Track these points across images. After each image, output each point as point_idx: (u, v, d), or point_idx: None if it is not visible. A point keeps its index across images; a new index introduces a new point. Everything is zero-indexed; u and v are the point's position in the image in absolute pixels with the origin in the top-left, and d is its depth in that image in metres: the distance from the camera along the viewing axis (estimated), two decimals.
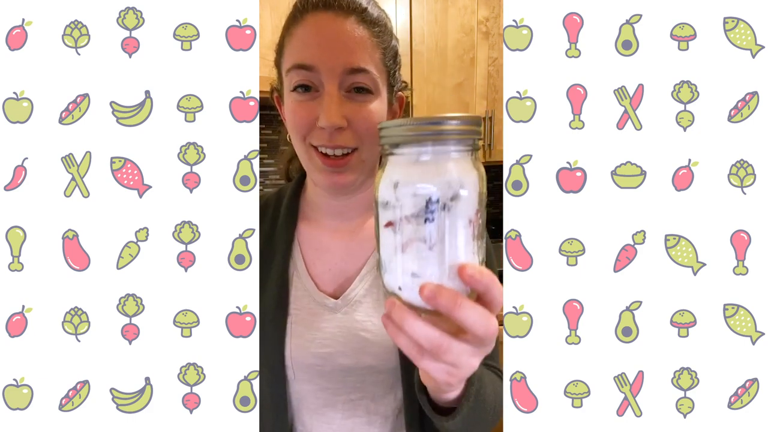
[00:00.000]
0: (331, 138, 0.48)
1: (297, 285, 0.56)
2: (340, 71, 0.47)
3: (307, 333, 0.53)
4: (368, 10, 0.49)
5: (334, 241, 0.58)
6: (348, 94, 0.48)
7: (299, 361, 0.53)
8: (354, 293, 0.55)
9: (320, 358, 0.52)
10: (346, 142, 0.48)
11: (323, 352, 0.53)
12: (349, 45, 0.47)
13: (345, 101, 0.48)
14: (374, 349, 0.52)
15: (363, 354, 0.52)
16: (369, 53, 0.48)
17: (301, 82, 0.48)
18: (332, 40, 0.47)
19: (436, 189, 0.32)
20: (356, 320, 0.53)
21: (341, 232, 0.58)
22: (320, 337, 0.53)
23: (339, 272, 0.56)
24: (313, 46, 0.47)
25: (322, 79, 0.47)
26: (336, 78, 0.47)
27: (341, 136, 0.48)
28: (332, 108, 0.46)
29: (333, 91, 0.47)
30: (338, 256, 0.57)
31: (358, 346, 0.53)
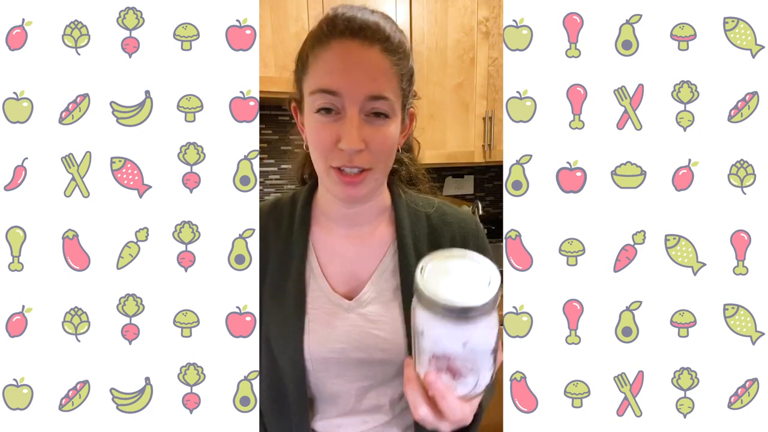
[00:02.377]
0: (350, 160, 0.52)
1: (313, 287, 0.60)
2: (362, 98, 0.50)
3: (324, 330, 0.58)
4: (391, 37, 0.52)
5: (345, 245, 0.62)
6: (367, 118, 0.52)
7: (317, 354, 0.58)
8: (366, 295, 0.60)
9: (336, 352, 0.58)
10: (362, 163, 0.53)
11: (338, 347, 0.58)
12: (371, 74, 0.51)
13: (364, 125, 0.51)
14: (385, 345, 0.58)
15: (374, 349, 0.58)
16: (389, 81, 0.52)
17: (325, 105, 0.51)
18: (356, 68, 0.50)
19: (459, 350, 0.37)
20: (369, 320, 0.59)
21: (352, 238, 0.62)
22: (336, 334, 0.58)
23: (350, 275, 0.61)
24: (338, 72, 0.51)
25: (344, 104, 0.51)
26: (358, 104, 0.51)
27: (359, 157, 0.52)
28: (353, 132, 0.50)
29: (354, 115, 0.51)
30: (349, 260, 0.62)
31: (371, 342, 0.58)
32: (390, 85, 0.52)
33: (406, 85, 0.55)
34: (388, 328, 0.58)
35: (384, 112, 0.52)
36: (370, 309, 0.59)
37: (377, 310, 0.59)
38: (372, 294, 0.60)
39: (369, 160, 0.53)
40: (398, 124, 0.55)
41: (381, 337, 0.58)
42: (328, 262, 0.62)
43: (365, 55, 0.51)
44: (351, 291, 0.60)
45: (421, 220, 0.63)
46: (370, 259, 0.62)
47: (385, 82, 0.51)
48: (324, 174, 0.55)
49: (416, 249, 0.61)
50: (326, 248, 0.62)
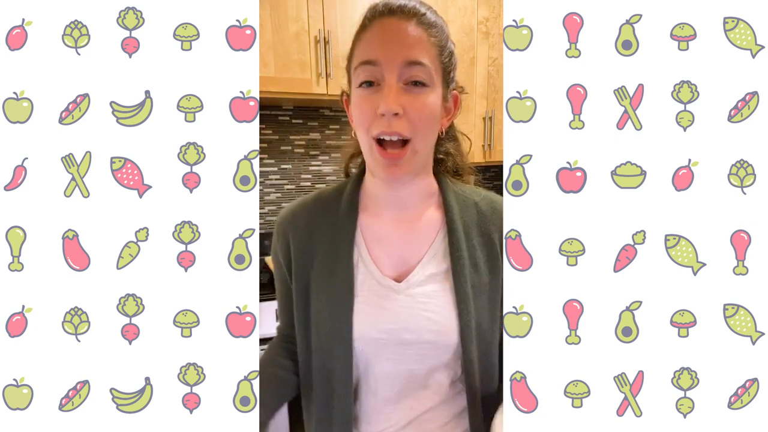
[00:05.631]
0: (389, 125, 0.54)
1: (362, 270, 0.62)
2: (399, 63, 0.53)
3: (374, 312, 0.59)
4: (427, 14, 0.56)
5: (393, 229, 0.63)
6: (406, 87, 0.54)
7: (366, 335, 0.59)
8: (416, 278, 0.61)
9: (385, 333, 0.59)
10: (401, 129, 0.54)
11: (388, 327, 0.59)
12: (407, 41, 0.54)
13: (402, 92, 0.54)
14: (435, 327, 0.58)
15: (424, 331, 0.58)
16: (425, 49, 0.55)
17: (366, 78, 0.55)
18: (393, 38, 0.54)
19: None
20: (419, 301, 0.59)
21: (399, 222, 0.64)
22: (386, 315, 0.59)
23: (398, 258, 0.62)
24: (377, 44, 0.55)
25: (383, 72, 0.54)
26: (395, 70, 0.53)
27: (398, 122, 0.54)
28: (390, 96, 0.53)
29: (392, 82, 0.53)
30: (397, 244, 0.63)
31: (421, 324, 0.58)
32: (426, 52, 0.54)
33: (446, 60, 0.58)
34: (439, 310, 0.59)
35: (421, 81, 0.54)
36: (419, 290, 0.60)
37: (427, 292, 0.60)
38: (421, 277, 0.60)
39: (407, 127, 0.54)
40: (438, 96, 0.57)
41: (432, 319, 0.58)
42: (376, 246, 0.63)
43: (402, 26, 0.54)
44: (400, 274, 0.61)
45: (469, 206, 0.64)
46: (419, 242, 0.63)
47: (421, 50, 0.54)
48: (368, 152, 0.58)
49: (466, 233, 0.62)
50: (374, 233, 0.63)
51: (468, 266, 0.60)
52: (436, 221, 0.64)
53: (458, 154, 0.69)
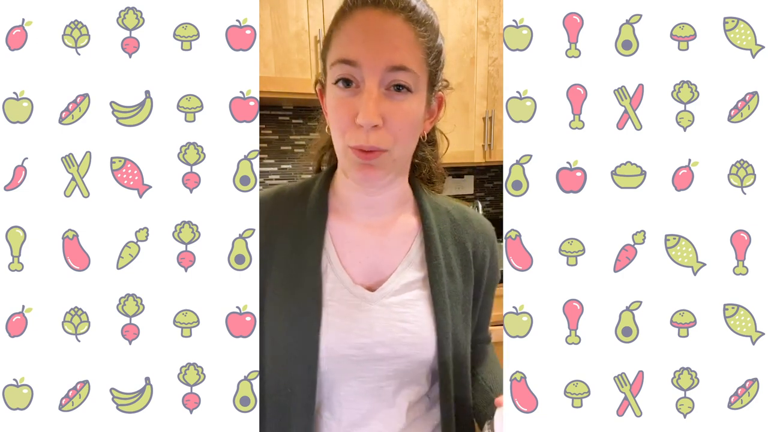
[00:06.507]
0: (367, 138, 0.49)
1: (331, 277, 0.56)
2: (381, 68, 0.48)
3: (345, 324, 0.54)
4: (417, 8, 0.49)
5: (366, 236, 0.59)
6: (387, 92, 0.49)
7: (335, 351, 0.53)
8: (391, 286, 0.56)
9: (356, 348, 0.53)
10: (379, 142, 0.49)
11: (360, 342, 0.53)
12: (393, 42, 0.48)
13: (383, 99, 0.48)
14: (412, 339, 0.54)
15: (400, 344, 0.54)
16: (412, 52, 0.49)
17: (343, 76, 0.49)
18: (377, 37, 0.47)
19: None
20: (395, 311, 0.55)
21: (372, 227, 0.59)
22: (358, 327, 0.54)
23: (371, 266, 0.58)
24: (358, 42, 0.48)
25: (363, 75, 0.48)
26: (377, 75, 0.48)
27: (376, 134, 0.49)
28: (370, 106, 0.47)
29: (373, 88, 0.48)
30: (370, 250, 0.58)
31: (397, 335, 0.54)
32: (413, 56, 0.49)
33: (433, 62, 0.52)
34: (416, 321, 0.55)
35: (405, 85, 0.49)
36: (395, 299, 0.56)
37: (403, 302, 0.56)
38: (396, 286, 0.56)
39: (387, 139, 0.49)
40: (422, 103, 0.52)
41: (408, 330, 0.54)
42: (347, 253, 0.58)
43: (387, 23, 0.47)
44: (373, 283, 0.57)
45: (443, 214, 0.62)
46: (393, 249, 0.59)
47: (407, 53, 0.48)
48: (342, 155, 0.53)
49: (442, 241, 0.59)
50: (345, 238, 0.58)
51: (445, 275, 0.57)
52: (411, 228, 0.60)
53: (434, 158, 0.65)
